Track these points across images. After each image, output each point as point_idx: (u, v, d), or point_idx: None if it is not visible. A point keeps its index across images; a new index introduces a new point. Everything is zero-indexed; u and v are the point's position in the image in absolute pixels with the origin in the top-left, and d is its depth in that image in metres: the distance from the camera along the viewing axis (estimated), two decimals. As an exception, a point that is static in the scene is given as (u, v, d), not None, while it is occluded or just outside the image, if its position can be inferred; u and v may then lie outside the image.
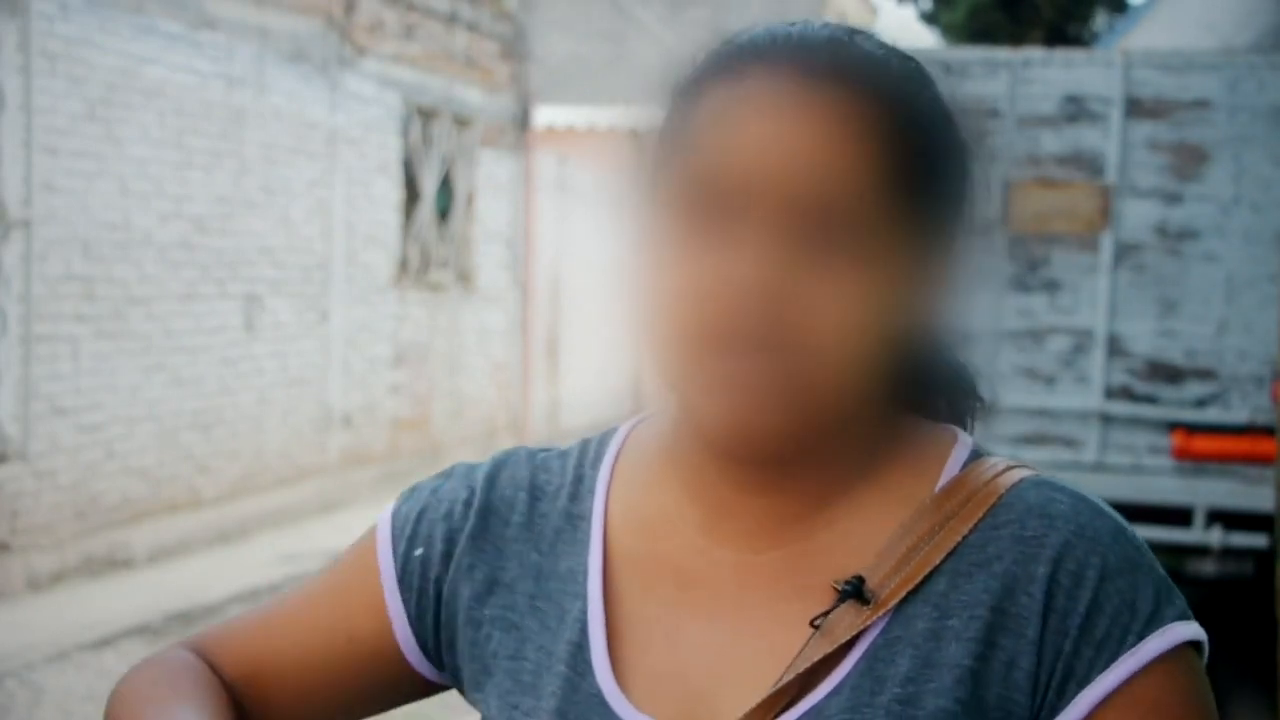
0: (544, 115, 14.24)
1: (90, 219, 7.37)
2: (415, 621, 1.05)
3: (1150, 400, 6.41)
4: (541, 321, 13.55)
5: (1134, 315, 6.38)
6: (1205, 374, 6.38)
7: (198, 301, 8.31)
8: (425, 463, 11.13)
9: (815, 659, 0.91)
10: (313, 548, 8.43)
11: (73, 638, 6.29)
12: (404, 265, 10.87)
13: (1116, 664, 0.89)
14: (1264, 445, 6.04)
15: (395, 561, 1.05)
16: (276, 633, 1.08)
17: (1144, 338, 6.38)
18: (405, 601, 1.05)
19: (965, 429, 1.05)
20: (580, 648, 0.98)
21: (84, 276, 7.34)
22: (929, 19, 24.14)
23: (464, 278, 11.91)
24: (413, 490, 1.09)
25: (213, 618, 6.94)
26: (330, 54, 9.65)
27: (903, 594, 0.92)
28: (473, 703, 1.04)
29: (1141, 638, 0.90)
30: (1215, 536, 6.19)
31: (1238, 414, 6.33)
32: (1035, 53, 6.99)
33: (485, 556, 1.03)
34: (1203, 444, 6.35)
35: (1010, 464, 0.98)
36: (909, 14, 24.88)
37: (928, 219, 0.94)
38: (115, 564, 7.57)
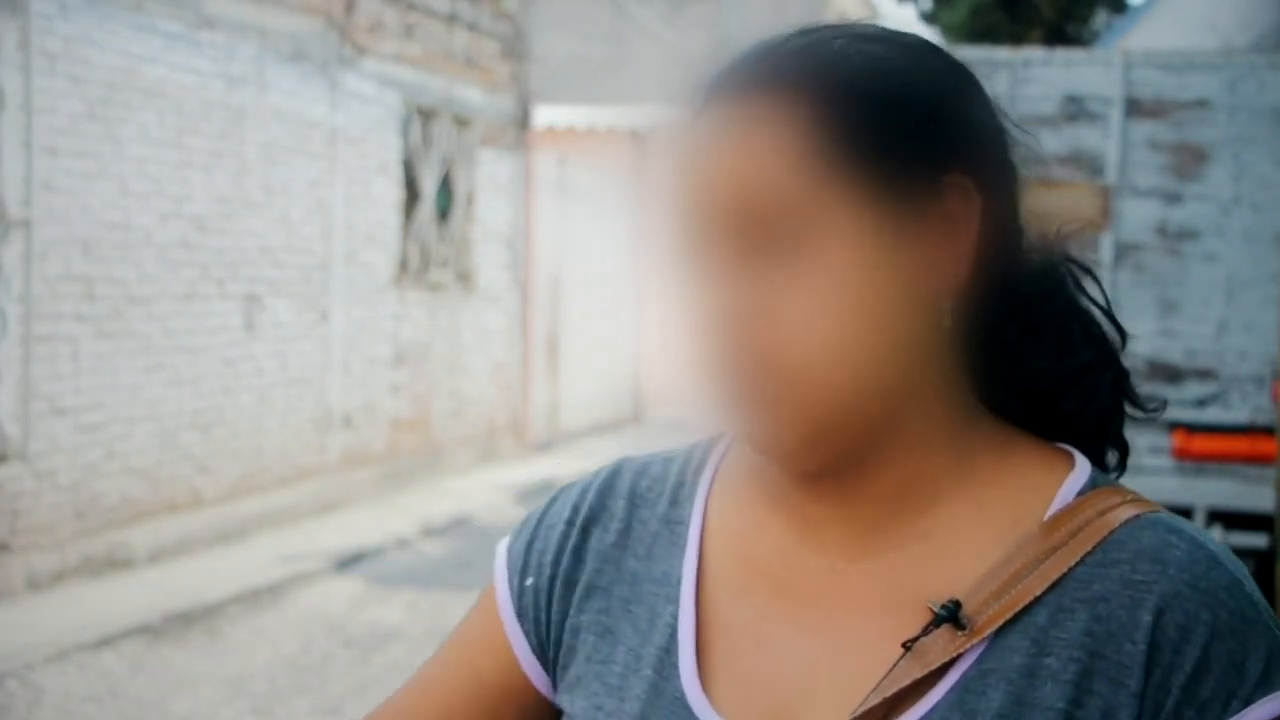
0: (544, 115, 14.23)
1: (90, 219, 7.37)
2: (538, 650, 1.05)
3: (1150, 400, 6.40)
4: (541, 321, 13.54)
5: (1134, 315, 6.38)
6: (1205, 374, 6.38)
7: (198, 301, 8.31)
8: (425, 463, 11.13)
9: (905, 683, 0.89)
10: (313, 548, 8.43)
11: (73, 638, 6.29)
12: (404, 265, 10.87)
13: None
14: (1264, 445, 6.04)
15: (511, 595, 1.06)
16: (413, 695, 1.09)
17: (1144, 338, 6.38)
18: (525, 633, 1.05)
19: (1108, 438, 1.01)
20: (668, 652, 0.98)
21: (84, 276, 7.34)
22: (929, 19, 24.14)
23: (464, 278, 11.91)
24: (523, 523, 1.10)
25: (213, 618, 6.94)
26: (330, 54, 9.65)
27: (1000, 623, 0.89)
28: (560, 705, 1.04)
29: (1248, 703, 0.86)
30: (1215, 537, 6.18)
31: (1238, 414, 6.33)
32: (1035, 53, 6.99)
33: (584, 566, 1.04)
34: (1203, 444, 6.35)
35: (1128, 497, 0.94)
36: (909, 14, 24.87)
37: (896, 186, 0.90)
38: (115, 564, 7.57)
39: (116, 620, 6.61)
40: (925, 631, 0.90)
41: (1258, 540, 6.11)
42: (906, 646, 0.89)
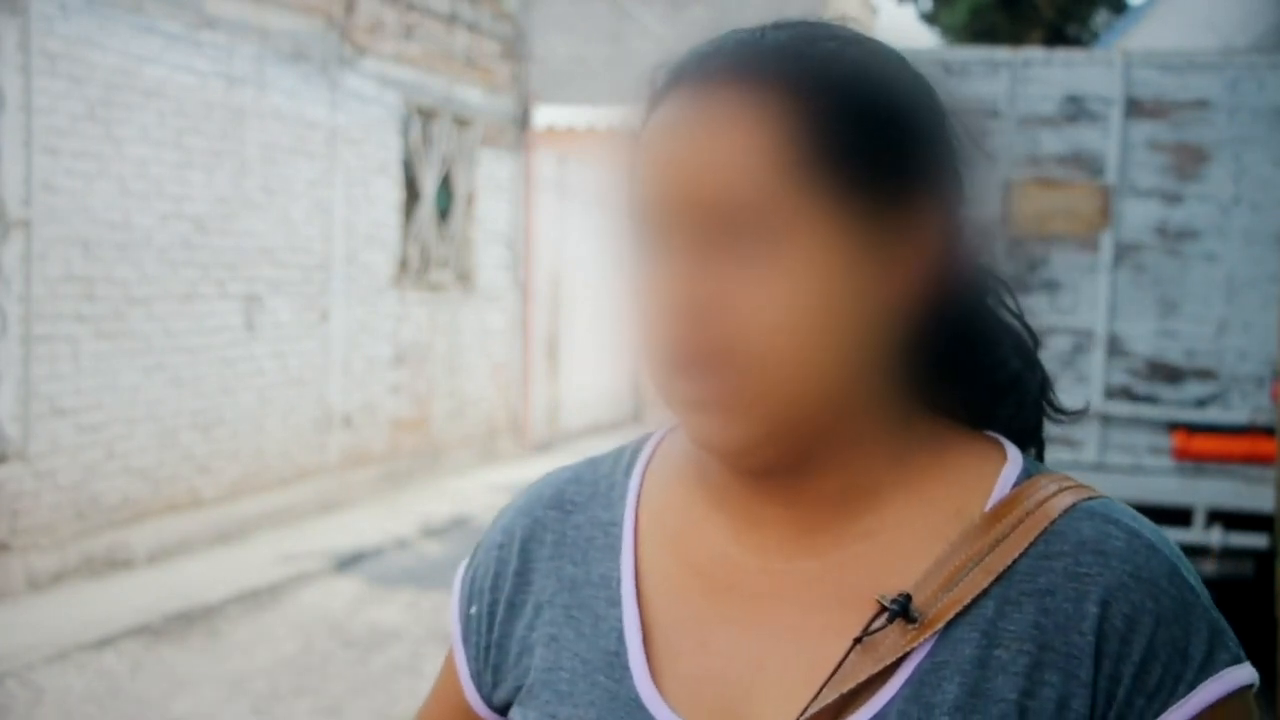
0: (544, 115, 14.23)
1: (90, 219, 7.37)
2: (475, 676, 1.08)
3: (1150, 400, 6.40)
4: (541, 321, 13.55)
5: (1134, 315, 6.38)
6: (1205, 374, 6.37)
7: (198, 301, 8.31)
8: (425, 463, 11.13)
9: (861, 678, 0.89)
10: (313, 548, 8.43)
11: (73, 638, 6.29)
12: (404, 265, 10.87)
13: (1166, 714, 0.88)
14: (1264, 445, 6.04)
15: (460, 623, 1.10)
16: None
17: (1144, 338, 6.38)
18: (469, 659, 1.08)
19: (1032, 439, 1.04)
20: (618, 654, 0.98)
21: (84, 276, 7.34)
22: (929, 19, 24.14)
23: (464, 278, 11.91)
24: (474, 550, 1.13)
25: (213, 618, 6.94)
26: (330, 54, 9.65)
27: (950, 615, 0.90)
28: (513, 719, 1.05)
29: (1193, 686, 0.88)
30: (1215, 537, 6.18)
31: (1238, 414, 6.32)
32: (1035, 53, 6.98)
33: (531, 586, 1.05)
34: (1203, 444, 6.34)
35: (1063, 485, 0.95)
36: (909, 14, 24.89)
37: (865, 195, 0.91)
38: (115, 564, 7.57)
39: (116, 620, 6.61)
40: (875, 625, 0.90)
41: (1258, 540, 6.10)
42: (859, 640, 0.90)
